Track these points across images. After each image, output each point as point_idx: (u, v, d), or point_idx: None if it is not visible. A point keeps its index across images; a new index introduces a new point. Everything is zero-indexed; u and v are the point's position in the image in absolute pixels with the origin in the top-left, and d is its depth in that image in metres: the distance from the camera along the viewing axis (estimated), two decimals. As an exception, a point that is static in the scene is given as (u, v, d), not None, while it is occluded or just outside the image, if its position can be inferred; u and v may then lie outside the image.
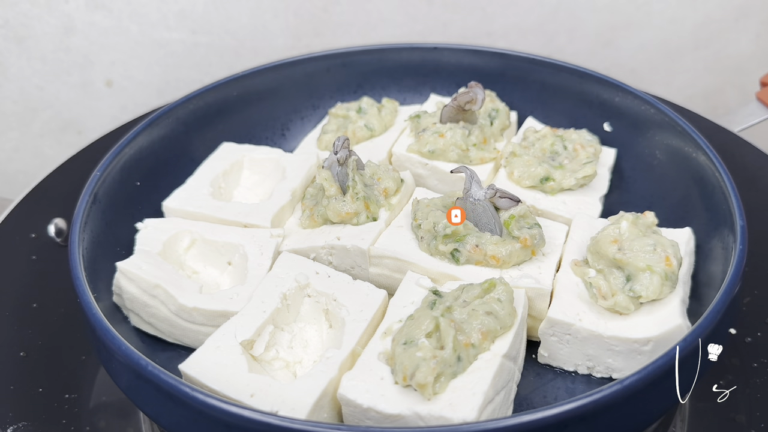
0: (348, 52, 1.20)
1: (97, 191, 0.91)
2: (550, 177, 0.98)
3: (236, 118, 1.14)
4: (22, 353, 0.91)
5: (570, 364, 0.83)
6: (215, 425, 0.65)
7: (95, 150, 1.14)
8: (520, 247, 0.85)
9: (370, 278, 0.90)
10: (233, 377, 0.73)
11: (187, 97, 1.09)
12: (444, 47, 1.20)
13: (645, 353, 0.79)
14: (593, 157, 1.01)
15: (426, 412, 0.69)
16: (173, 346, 0.87)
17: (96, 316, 0.74)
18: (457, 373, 0.72)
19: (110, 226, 0.92)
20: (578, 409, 0.62)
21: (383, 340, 0.77)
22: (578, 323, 0.80)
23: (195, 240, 0.93)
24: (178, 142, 1.06)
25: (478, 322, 0.74)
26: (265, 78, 1.16)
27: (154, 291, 0.85)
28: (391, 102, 1.14)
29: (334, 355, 0.75)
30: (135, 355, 0.69)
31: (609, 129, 1.10)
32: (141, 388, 0.71)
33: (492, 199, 0.87)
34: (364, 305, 0.81)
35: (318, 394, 0.71)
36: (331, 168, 0.92)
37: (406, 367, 0.70)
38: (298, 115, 1.20)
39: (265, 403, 0.70)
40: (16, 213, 1.09)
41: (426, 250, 0.88)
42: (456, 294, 0.80)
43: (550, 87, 1.14)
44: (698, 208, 0.93)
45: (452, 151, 1.01)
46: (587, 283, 0.83)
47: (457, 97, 1.02)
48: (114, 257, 0.89)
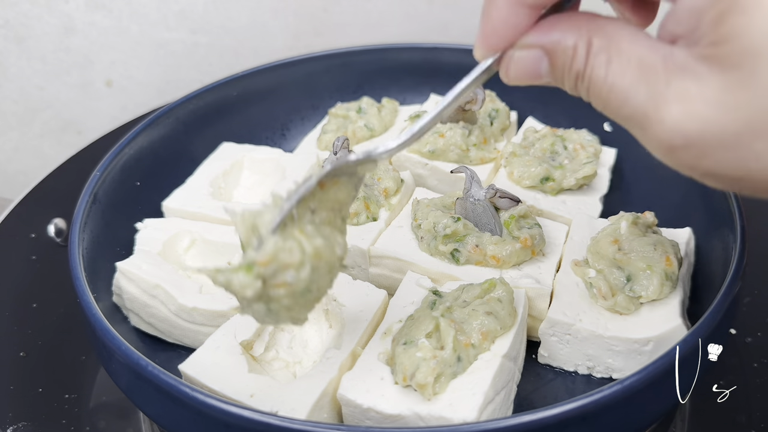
0: (348, 52, 1.20)
1: (97, 191, 0.91)
2: (550, 177, 0.97)
3: (236, 118, 1.14)
4: (21, 353, 0.91)
5: (570, 364, 0.83)
6: (215, 425, 0.65)
7: (95, 150, 1.14)
8: (520, 247, 0.85)
9: (370, 278, 0.90)
10: (233, 377, 0.73)
11: (187, 97, 1.09)
12: (444, 47, 1.20)
13: (645, 353, 0.79)
14: (593, 157, 1.01)
15: (426, 413, 0.69)
16: (173, 347, 0.87)
17: (96, 317, 0.74)
18: (457, 374, 0.72)
19: (110, 226, 0.92)
20: (578, 409, 0.62)
21: (383, 340, 0.77)
22: (578, 323, 0.80)
23: (195, 240, 0.93)
24: (178, 142, 1.06)
25: (478, 322, 0.74)
26: (264, 78, 1.16)
27: (153, 291, 0.85)
28: (391, 102, 1.14)
29: (334, 356, 0.75)
30: (135, 355, 0.69)
31: (609, 129, 1.10)
32: (141, 389, 0.71)
33: (492, 199, 0.87)
34: (364, 305, 0.81)
35: (318, 395, 0.71)
36: (331, 168, 0.92)
37: (406, 367, 0.70)
38: (298, 115, 1.20)
39: (264, 403, 0.70)
40: (16, 213, 1.09)
41: (426, 250, 0.88)
42: (456, 294, 0.80)
43: (550, 87, 1.14)
44: (698, 208, 0.92)
45: (452, 151, 1.01)
46: (587, 283, 0.83)
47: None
48: (114, 257, 0.89)
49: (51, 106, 1.45)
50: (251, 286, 0.61)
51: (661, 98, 0.49)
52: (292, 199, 0.62)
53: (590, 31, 0.53)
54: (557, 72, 0.56)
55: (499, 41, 0.56)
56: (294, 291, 0.62)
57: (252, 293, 0.61)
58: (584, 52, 0.53)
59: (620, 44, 0.51)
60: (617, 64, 0.51)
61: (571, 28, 0.54)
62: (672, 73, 0.49)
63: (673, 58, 0.49)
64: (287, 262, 0.61)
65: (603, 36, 0.52)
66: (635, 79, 0.50)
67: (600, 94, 0.53)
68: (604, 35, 0.52)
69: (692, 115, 0.48)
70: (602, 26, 0.53)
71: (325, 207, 0.66)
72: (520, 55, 0.56)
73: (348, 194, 0.67)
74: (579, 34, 0.53)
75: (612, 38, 0.52)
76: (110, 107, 1.49)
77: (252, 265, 0.61)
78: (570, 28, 0.54)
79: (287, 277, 0.61)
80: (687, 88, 0.48)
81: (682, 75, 0.49)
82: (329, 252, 0.64)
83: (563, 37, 0.54)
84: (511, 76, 0.58)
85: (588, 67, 0.53)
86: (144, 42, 1.44)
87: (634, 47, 0.51)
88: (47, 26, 1.38)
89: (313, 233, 0.63)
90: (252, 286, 0.60)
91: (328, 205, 0.66)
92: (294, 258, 0.61)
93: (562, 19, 0.55)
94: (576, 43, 0.53)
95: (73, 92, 1.45)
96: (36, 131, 1.47)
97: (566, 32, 0.54)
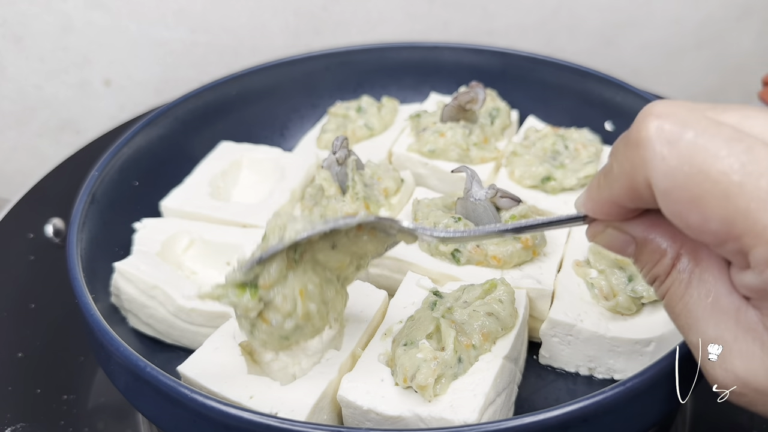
0: (347, 51, 1.20)
1: (95, 191, 0.91)
2: (551, 176, 0.97)
3: (235, 117, 1.13)
4: (19, 354, 0.90)
5: (571, 365, 0.83)
6: (214, 427, 0.64)
7: (93, 149, 1.14)
8: (521, 247, 0.84)
9: (370, 279, 0.89)
10: (232, 379, 0.72)
11: (186, 96, 1.09)
12: (444, 46, 1.20)
13: (647, 354, 0.78)
14: (594, 156, 1.01)
15: (426, 414, 0.68)
16: (172, 348, 0.87)
17: (94, 317, 0.74)
18: (458, 375, 0.71)
19: (108, 226, 0.91)
20: (580, 410, 0.61)
21: (383, 341, 0.76)
22: (580, 324, 0.79)
23: (193, 240, 0.92)
24: (176, 141, 1.06)
25: (479, 323, 0.74)
26: (264, 77, 1.16)
27: (152, 292, 0.84)
28: (390, 101, 1.14)
29: (334, 357, 0.75)
30: (133, 356, 0.69)
31: (610, 128, 1.09)
32: (139, 390, 0.70)
33: (493, 199, 0.86)
34: (364, 306, 0.81)
35: (318, 396, 0.71)
36: (331, 168, 0.92)
37: (406, 368, 0.70)
38: (298, 114, 1.19)
39: (264, 404, 0.70)
40: (14, 213, 1.09)
41: (426, 251, 0.87)
42: (457, 295, 0.79)
43: (551, 86, 1.14)
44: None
45: (453, 150, 1.01)
46: (589, 283, 0.83)
47: (458, 97, 1.02)
48: (112, 257, 0.88)
49: (49, 105, 1.45)
50: (255, 308, 0.66)
51: (727, 348, 0.54)
52: (328, 224, 0.65)
53: (684, 247, 0.56)
54: (640, 264, 0.59)
55: (599, 213, 0.59)
56: (272, 332, 0.67)
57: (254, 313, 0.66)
58: (669, 263, 0.56)
59: (704, 274, 0.55)
60: (696, 291, 0.55)
61: (667, 234, 0.57)
62: (742, 330, 0.54)
63: (746, 316, 0.53)
64: (277, 306, 0.66)
65: (692, 257, 0.56)
66: (707, 315, 0.54)
67: (673, 308, 0.57)
68: (694, 257, 0.56)
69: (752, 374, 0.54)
70: (696, 248, 0.56)
71: (348, 250, 0.68)
72: (612, 234, 0.60)
73: (375, 249, 0.70)
74: (671, 243, 0.56)
75: (699, 264, 0.55)
76: (108, 106, 1.48)
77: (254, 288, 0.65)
78: (666, 235, 0.57)
79: (272, 317, 0.66)
80: (753, 352, 0.53)
81: (751, 337, 0.53)
82: (320, 319, 0.69)
83: (657, 240, 0.57)
84: (600, 243, 0.61)
85: (669, 278, 0.57)
86: (142, 41, 1.43)
87: (716, 285, 0.54)
88: (45, 25, 1.37)
89: (313, 294, 0.67)
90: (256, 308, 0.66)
91: (351, 249, 0.68)
92: (285, 307, 0.66)
93: (662, 223, 0.56)
94: (666, 250, 0.56)
95: (71, 91, 1.45)
96: (34, 130, 1.47)
97: (662, 237, 0.57)
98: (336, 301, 0.71)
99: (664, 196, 0.51)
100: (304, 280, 0.67)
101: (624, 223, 0.58)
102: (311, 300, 0.67)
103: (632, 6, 1.52)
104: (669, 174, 0.50)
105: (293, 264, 0.66)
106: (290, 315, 0.66)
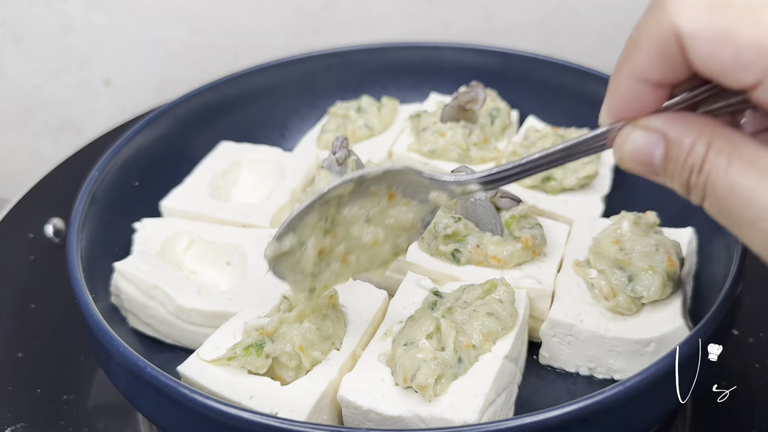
0: (347, 51, 1.19)
1: (95, 191, 0.91)
2: (551, 177, 0.97)
3: (235, 117, 1.13)
4: (20, 354, 0.90)
5: (571, 365, 0.83)
6: (214, 427, 0.64)
7: (93, 149, 1.14)
8: (522, 247, 0.84)
9: (370, 279, 0.89)
10: (232, 379, 0.72)
11: (186, 96, 1.09)
12: (444, 46, 1.19)
13: (647, 354, 0.78)
14: (595, 156, 1.00)
15: (427, 414, 0.68)
16: (172, 348, 0.87)
17: (94, 317, 0.74)
18: (458, 375, 0.71)
19: (108, 226, 0.91)
20: (580, 410, 0.61)
21: (384, 341, 0.76)
22: (580, 324, 0.79)
23: (193, 240, 0.92)
24: (176, 141, 1.06)
25: (479, 323, 0.74)
26: (264, 77, 1.16)
27: (152, 292, 0.84)
28: (390, 101, 1.14)
29: (334, 357, 0.75)
30: (133, 356, 0.69)
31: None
32: (139, 390, 0.70)
33: (493, 199, 0.86)
34: (365, 306, 0.81)
35: (318, 396, 0.71)
36: (331, 168, 0.92)
37: (406, 368, 0.70)
38: (298, 114, 1.19)
39: (264, 404, 0.70)
40: (14, 213, 1.09)
41: (426, 251, 0.87)
42: (457, 295, 0.79)
43: (551, 86, 1.14)
44: (700, 208, 0.91)
45: (453, 150, 1.01)
46: (589, 283, 0.83)
47: (458, 97, 1.02)
48: (112, 257, 0.88)
49: (49, 105, 1.45)
50: (263, 365, 0.73)
51: None
52: (355, 173, 0.63)
53: (713, 134, 0.54)
54: (671, 163, 0.57)
55: (623, 110, 0.58)
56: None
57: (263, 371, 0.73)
58: (703, 151, 0.54)
59: (743, 150, 0.53)
60: (738, 167, 0.52)
61: (694, 125, 0.55)
62: None
63: None
64: (285, 363, 0.73)
65: (724, 141, 0.53)
66: (759, 180, 0.51)
67: (718, 193, 0.54)
68: (726, 140, 0.53)
69: None
70: (725, 133, 0.54)
71: (383, 224, 0.67)
72: (637, 135, 0.57)
73: (411, 223, 0.68)
74: (700, 133, 0.54)
75: (735, 144, 0.53)
76: (108, 106, 1.48)
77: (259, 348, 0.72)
78: (692, 126, 0.55)
79: (284, 374, 0.73)
80: None
81: None
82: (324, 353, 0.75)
83: (684, 131, 0.55)
84: (626, 154, 0.59)
85: (706, 163, 0.54)
86: (142, 41, 1.43)
87: (757, 154, 0.52)
88: (45, 25, 1.37)
89: (313, 341, 0.73)
90: (264, 365, 0.73)
91: (386, 222, 0.67)
92: (291, 363, 0.72)
93: (685, 116, 0.55)
94: (695, 141, 0.54)
95: (71, 91, 1.45)
96: (34, 130, 1.47)
97: (688, 128, 0.55)
98: (336, 329, 0.75)
99: (693, 39, 0.49)
100: (302, 331, 0.72)
101: (648, 118, 0.56)
102: (313, 347, 0.73)
103: (632, 6, 1.52)
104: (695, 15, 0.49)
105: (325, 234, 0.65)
106: (299, 367, 0.73)
